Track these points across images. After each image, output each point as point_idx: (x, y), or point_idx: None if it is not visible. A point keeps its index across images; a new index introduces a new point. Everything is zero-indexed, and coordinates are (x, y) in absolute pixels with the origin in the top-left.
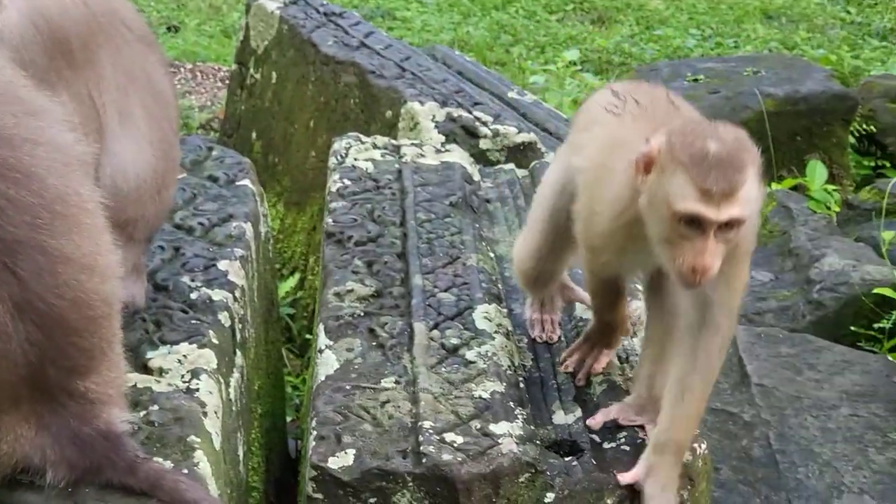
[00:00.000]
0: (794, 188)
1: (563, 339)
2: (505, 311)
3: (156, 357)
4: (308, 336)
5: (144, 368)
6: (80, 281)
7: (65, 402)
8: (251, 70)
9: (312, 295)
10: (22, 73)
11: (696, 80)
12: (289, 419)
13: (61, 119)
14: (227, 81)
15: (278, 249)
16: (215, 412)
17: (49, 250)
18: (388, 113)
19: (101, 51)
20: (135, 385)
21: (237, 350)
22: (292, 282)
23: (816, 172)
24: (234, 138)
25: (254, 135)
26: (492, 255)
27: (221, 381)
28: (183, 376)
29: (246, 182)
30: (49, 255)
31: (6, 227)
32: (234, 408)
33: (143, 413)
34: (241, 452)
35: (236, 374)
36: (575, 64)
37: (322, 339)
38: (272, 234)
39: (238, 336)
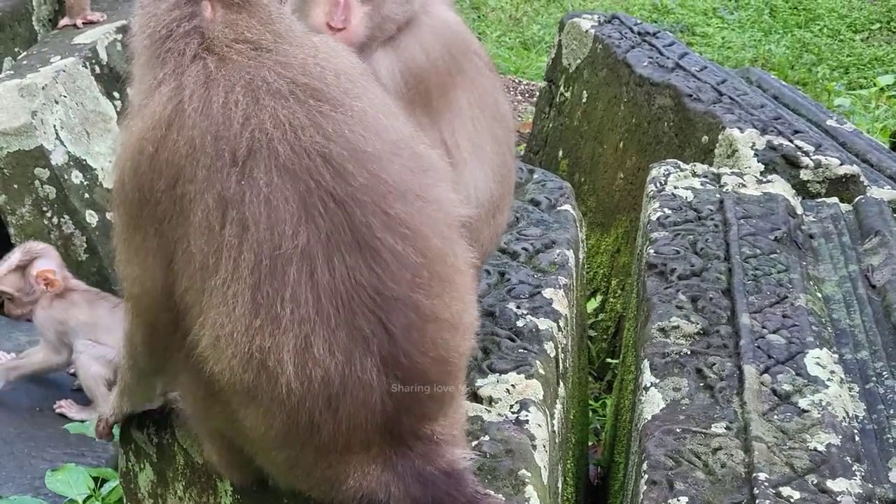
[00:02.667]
0: None
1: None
2: (836, 356)
3: (485, 385)
4: (609, 360)
5: (474, 396)
6: (444, 339)
7: (412, 444)
8: (561, 88)
9: (613, 318)
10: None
11: None
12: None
13: (448, 178)
14: (529, 94)
15: None
16: (544, 445)
17: (422, 309)
18: (705, 138)
19: (459, 91)
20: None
21: (560, 381)
22: (594, 303)
23: None
24: (541, 155)
25: (560, 153)
26: (819, 295)
27: (547, 412)
28: (512, 407)
29: (567, 207)
30: (421, 314)
31: (388, 282)
32: (556, 440)
33: (474, 443)
34: (559, 485)
35: (559, 406)
36: (889, 89)
37: (647, 376)
38: None
39: (561, 366)
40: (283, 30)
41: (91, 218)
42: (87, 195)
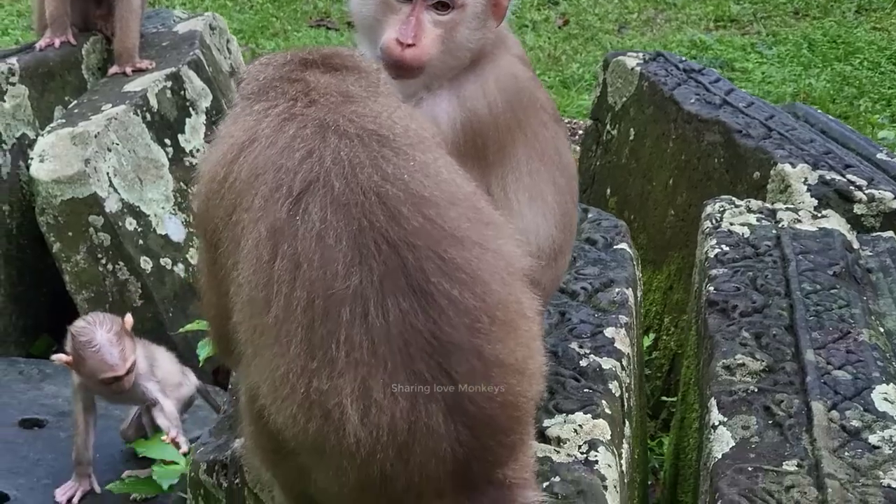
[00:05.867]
0: None
1: None
2: None
3: (552, 426)
4: (664, 398)
5: (542, 436)
6: (510, 385)
7: (484, 489)
8: (608, 126)
9: (667, 356)
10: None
11: None
12: None
13: (512, 234)
14: (570, 133)
15: None
16: (614, 486)
17: (485, 354)
18: (756, 174)
19: (518, 145)
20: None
21: (626, 420)
22: (647, 341)
23: None
24: (588, 193)
25: (608, 191)
26: (881, 329)
27: (615, 452)
28: (580, 447)
29: (623, 246)
30: (484, 360)
31: (444, 327)
32: (625, 480)
33: (545, 484)
34: None
35: (625, 446)
36: None
37: (715, 415)
38: None
39: (625, 406)
40: (379, 90)
41: (145, 264)
42: (140, 242)
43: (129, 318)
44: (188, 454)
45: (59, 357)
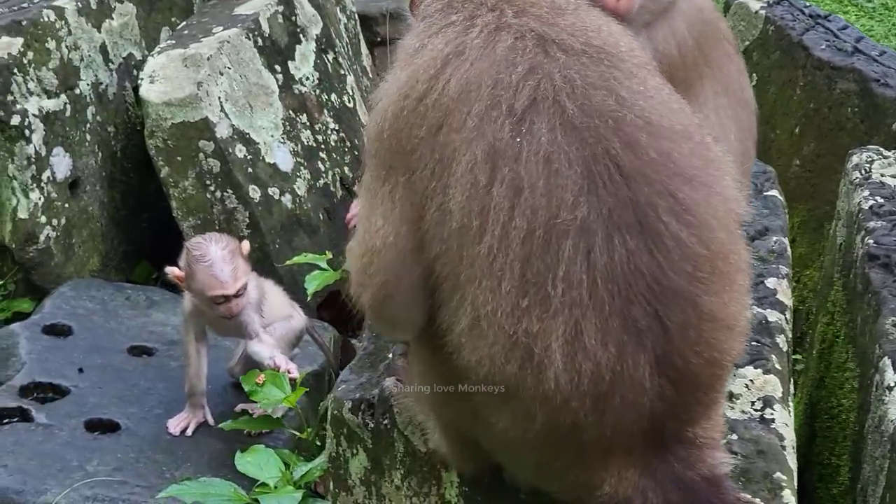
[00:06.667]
0: None
1: None
2: None
3: None
4: None
5: None
6: (719, 340)
7: (674, 448)
8: None
9: None
10: None
11: None
12: None
13: (732, 173)
14: None
15: None
16: (792, 447)
17: (701, 305)
18: (895, 125)
19: (705, 81)
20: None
21: (791, 377)
22: None
23: None
24: None
25: None
26: None
27: (788, 410)
28: (753, 403)
29: (774, 192)
30: (699, 311)
31: (668, 272)
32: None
33: (723, 441)
34: None
35: (790, 404)
36: None
37: (890, 375)
38: None
39: (790, 361)
40: (580, 3)
41: (254, 193)
42: (250, 170)
43: (246, 244)
44: (296, 388)
45: (171, 270)
